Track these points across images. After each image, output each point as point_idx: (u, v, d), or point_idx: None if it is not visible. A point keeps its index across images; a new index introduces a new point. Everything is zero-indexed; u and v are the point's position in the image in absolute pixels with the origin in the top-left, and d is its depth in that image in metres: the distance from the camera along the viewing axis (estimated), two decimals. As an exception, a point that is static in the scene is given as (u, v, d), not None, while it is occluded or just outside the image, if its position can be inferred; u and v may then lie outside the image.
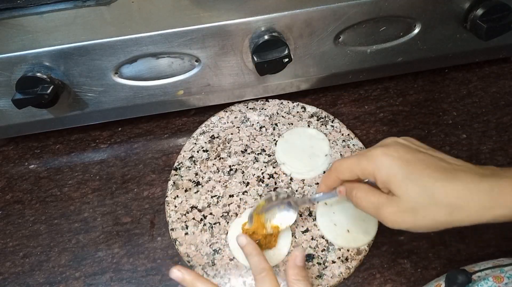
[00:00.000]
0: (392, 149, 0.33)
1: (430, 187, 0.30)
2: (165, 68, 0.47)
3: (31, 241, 0.48)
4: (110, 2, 0.47)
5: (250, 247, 0.40)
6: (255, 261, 0.38)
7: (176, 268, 0.37)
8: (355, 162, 0.34)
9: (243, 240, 0.40)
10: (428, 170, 0.31)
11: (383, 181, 0.32)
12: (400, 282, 0.43)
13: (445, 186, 0.30)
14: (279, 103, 0.56)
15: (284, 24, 0.45)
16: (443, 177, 0.30)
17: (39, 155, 0.55)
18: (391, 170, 0.31)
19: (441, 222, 0.30)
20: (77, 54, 0.43)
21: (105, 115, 0.53)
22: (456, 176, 0.30)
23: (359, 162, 0.34)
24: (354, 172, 0.35)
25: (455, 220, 0.30)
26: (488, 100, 0.57)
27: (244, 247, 0.40)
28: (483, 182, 0.30)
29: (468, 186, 0.30)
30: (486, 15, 0.46)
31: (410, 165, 0.31)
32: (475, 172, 0.31)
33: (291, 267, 0.38)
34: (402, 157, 0.31)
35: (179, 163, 0.51)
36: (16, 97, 0.43)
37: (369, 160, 0.33)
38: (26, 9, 0.46)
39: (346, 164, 0.36)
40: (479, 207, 0.29)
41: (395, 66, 0.55)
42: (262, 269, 0.37)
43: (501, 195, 0.29)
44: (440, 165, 0.31)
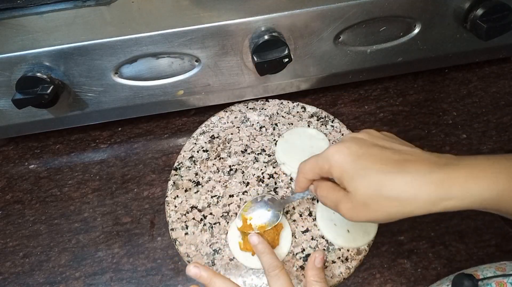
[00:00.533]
0: (345, 145, 0.33)
1: (379, 181, 0.30)
2: (165, 68, 0.47)
3: (31, 241, 0.48)
4: (110, 2, 0.47)
5: (262, 245, 0.40)
6: (267, 259, 0.39)
7: (193, 264, 0.38)
8: (314, 162, 0.35)
9: (255, 239, 0.41)
10: (378, 164, 0.31)
11: (338, 177, 0.33)
12: (400, 282, 0.43)
13: (394, 179, 0.30)
14: (279, 103, 0.56)
15: (284, 24, 0.45)
16: (392, 170, 0.30)
17: (39, 155, 0.55)
18: (343, 166, 0.32)
19: (393, 213, 0.30)
20: (77, 54, 0.43)
21: (105, 115, 0.53)
22: (405, 168, 0.30)
23: (317, 162, 0.35)
24: (315, 171, 0.35)
25: (406, 211, 0.30)
26: (488, 100, 0.57)
27: (256, 246, 0.41)
28: (433, 173, 0.29)
29: (416, 178, 0.29)
30: (486, 15, 0.46)
31: (361, 160, 0.31)
32: (429, 162, 0.30)
33: (310, 268, 0.39)
34: (354, 153, 0.32)
35: (179, 163, 0.51)
36: (16, 97, 0.43)
37: (325, 159, 0.34)
38: (26, 9, 0.46)
39: (307, 165, 0.36)
40: (428, 199, 0.29)
41: (395, 66, 0.55)
42: (275, 267, 0.38)
43: (451, 187, 0.29)
44: (391, 157, 0.31)
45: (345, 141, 0.34)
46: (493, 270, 0.35)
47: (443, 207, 0.29)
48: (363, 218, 0.32)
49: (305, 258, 0.43)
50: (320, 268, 0.39)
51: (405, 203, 0.30)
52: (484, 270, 0.36)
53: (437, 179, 0.29)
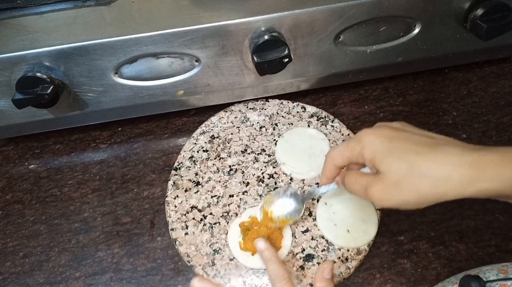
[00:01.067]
0: (378, 129, 0.34)
1: (411, 159, 0.30)
2: (165, 68, 0.47)
3: (31, 241, 0.48)
4: (110, 2, 0.47)
5: (269, 252, 0.40)
6: (274, 268, 0.39)
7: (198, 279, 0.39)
8: (345, 145, 0.36)
9: (262, 245, 0.40)
10: (410, 144, 0.31)
11: (369, 159, 0.33)
12: (400, 282, 0.43)
13: (427, 158, 0.30)
14: (279, 103, 0.56)
15: (284, 24, 0.45)
16: (425, 150, 0.30)
17: (39, 155, 0.55)
18: (375, 146, 0.32)
19: (425, 194, 0.29)
20: (77, 54, 0.43)
21: (105, 115, 0.53)
22: (438, 149, 0.30)
23: (348, 144, 0.35)
24: (345, 155, 0.35)
25: (438, 192, 0.29)
26: (488, 100, 0.57)
27: (263, 252, 0.40)
28: (466, 154, 0.29)
29: (450, 158, 0.29)
30: (486, 15, 0.46)
31: (393, 141, 0.31)
32: (460, 146, 0.30)
33: (319, 279, 0.39)
34: (386, 135, 0.32)
35: (179, 163, 0.51)
36: (16, 97, 0.43)
37: (356, 140, 0.34)
38: (26, 9, 0.46)
39: (337, 149, 0.37)
40: (462, 179, 0.28)
41: (395, 66, 0.55)
42: (282, 277, 0.38)
43: (485, 168, 0.28)
44: (424, 140, 0.31)
45: (377, 127, 0.34)
46: (496, 272, 0.35)
47: (477, 189, 0.28)
48: (394, 199, 0.31)
49: (305, 258, 0.43)
50: (329, 279, 0.38)
51: (438, 182, 0.29)
52: (486, 272, 0.36)
53: (471, 160, 0.29)
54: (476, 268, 0.38)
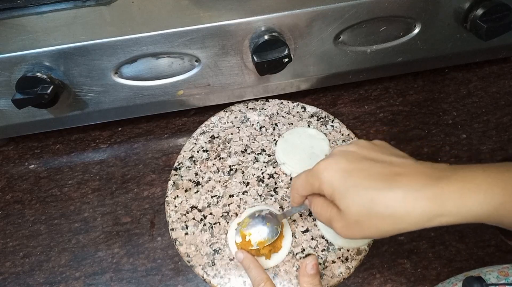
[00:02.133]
0: (334, 161, 0.32)
1: (369, 198, 0.29)
2: (165, 68, 0.47)
3: (31, 241, 0.48)
4: (110, 2, 0.47)
5: (247, 260, 0.41)
6: (253, 274, 0.40)
7: None
8: (305, 179, 0.35)
9: (240, 255, 0.42)
10: (367, 180, 0.30)
11: (329, 195, 0.32)
12: (400, 282, 0.43)
13: (385, 195, 0.29)
14: (279, 103, 0.56)
15: (284, 24, 0.45)
16: (382, 186, 0.29)
17: (39, 155, 0.55)
18: (333, 184, 0.31)
19: (386, 231, 0.29)
20: (77, 54, 0.43)
21: (105, 115, 0.53)
22: (397, 183, 0.29)
23: (307, 179, 0.34)
24: (306, 188, 0.35)
25: (398, 228, 0.29)
26: (488, 100, 0.57)
27: (242, 262, 0.41)
28: (426, 188, 0.28)
29: (409, 194, 0.28)
30: (486, 15, 0.46)
31: (350, 176, 0.30)
32: (422, 174, 0.29)
33: (302, 275, 0.39)
34: (343, 169, 0.31)
35: (179, 163, 0.51)
36: (16, 97, 0.43)
37: (314, 176, 0.33)
38: (26, 9, 0.46)
39: (299, 182, 0.36)
40: (422, 215, 0.28)
41: (395, 66, 0.55)
42: (261, 280, 0.38)
43: (445, 202, 0.28)
44: (382, 172, 0.30)
45: (334, 156, 0.33)
46: (496, 274, 0.35)
47: (437, 223, 0.28)
48: (356, 235, 0.31)
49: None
50: (313, 274, 0.38)
51: (398, 220, 0.29)
52: (486, 274, 0.35)
53: (430, 194, 0.28)
54: (476, 269, 0.38)
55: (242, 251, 0.42)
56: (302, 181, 0.35)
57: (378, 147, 0.34)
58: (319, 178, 0.32)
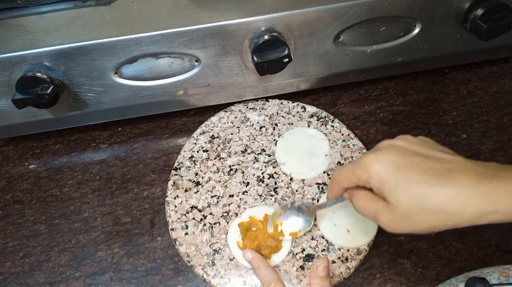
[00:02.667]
0: (384, 155, 0.32)
1: (422, 193, 0.29)
2: (165, 68, 0.47)
3: (31, 241, 0.48)
4: (110, 2, 0.47)
5: (256, 260, 0.41)
6: (263, 273, 0.39)
7: None
8: (351, 171, 0.34)
9: (249, 255, 0.41)
10: (420, 175, 0.30)
11: (377, 188, 0.32)
12: (400, 282, 0.43)
13: (438, 191, 0.29)
14: (279, 103, 0.56)
15: (284, 24, 0.45)
16: (435, 182, 0.29)
17: (39, 155, 0.55)
18: (383, 177, 0.31)
19: (436, 226, 0.30)
20: (77, 54, 0.43)
21: (105, 115, 0.53)
22: (450, 179, 0.29)
23: (354, 170, 0.34)
24: (352, 180, 0.34)
25: (449, 224, 0.29)
26: (488, 100, 0.57)
27: (252, 261, 0.41)
28: (480, 185, 0.28)
29: (463, 190, 0.28)
30: (486, 15, 0.46)
31: (402, 171, 0.30)
32: (474, 172, 0.29)
33: (313, 276, 0.38)
34: (394, 163, 0.31)
35: (179, 163, 0.51)
36: (16, 97, 0.43)
37: (362, 168, 0.32)
38: (26, 9, 0.46)
39: (343, 174, 0.35)
40: (475, 212, 0.28)
41: (395, 66, 0.55)
42: (271, 280, 0.38)
43: (498, 200, 0.28)
44: (434, 167, 0.30)
45: (383, 150, 0.32)
46: (497, 275, 0.35)
47: (489, 220, 0.29)
48: (405, 229, 0.31)
49: (305, 258, 0.43)
50: (324, 276, 0.38)
51: (450, 216, 0.29)
52: (487, 275, 0.35)
53: (483, 191, 0.28)
54: (477, 270, 0.38)
55: (251, 251, 0.42)
56: (347, 173, 0.34)
57: (426, 143, 0.34)
58: (368, 171, 0.32)
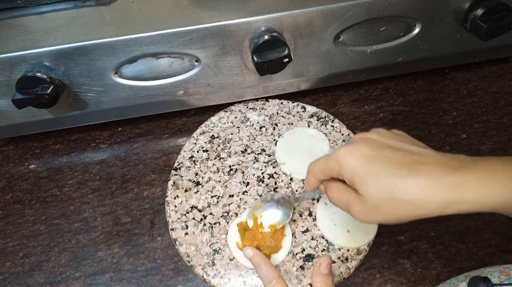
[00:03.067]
0: (356, 147, 0.33)
1: (391, 184, 0.30)
2: (165, 68, 0.47)
3: (31, 241, 0.48)
4: (110, 2, 0.47)
5: (257, 257, 0.41)
6: (264, 271, 0.39)
7: None
8: (324, 163, 0.35)
9: (250, 252, 0.41)
10: (390, 167, 0.30)
11: (349, 179, 0.32)
12: (400, 282, 0.43)
13: (406, 182, 0.30)
14: (279, 103, 0.56)
15: (284, 24, 0.45)
16: (404, 173, 0.30)
17: (39, 155, 0.55)
18: (354, 169, 0.32)
19: (406, 216, 0.30)
20: (77, 54, 0.43)
21: (105, 115, 0.53)
22: (418, 171, 0.30)
23: (327, 163, 0.34)
24: (326, 172, 0.35)
25: (417, 214, 0.30)
26: (488, 100, 0.57)
27: (252, 258, 0.41)
28: (446, 176, 0.29)
29: (430, 181, 0.29)
30: (486, 15, 0.46)
31: (372, 163, 0.31)
32: (441, 164, 0.30)
33: (316, 274, 0.39)
34: (365, 155, 0.31)
35: (179, 163, 0.51)
36: (16, 97, 0.43)
37: (335, 160, 0.33)
38: (26, 9, 0.46)
39: (317, 166, 0.36)
40: (441, 203, 0.29)
41: (395, 66, 0.55)
42: (272, 277, 0.38)
43: (464, 191, 0.29)
44: (403, 159, 0.31)
45: (355, 143, 0.33)
46: (497, 274, 0.35)
47: (455, 210, 0.29)
48: (374, 220, 0.32)
49: (305, 258, 0.43)
50: (327, 274, 0.38)
51: (418, 206, 0.30)
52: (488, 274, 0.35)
53: (450, 182, 0.29)
54: (477, 269, 0.38)
55: (252, 248, 0.41)
56: (321, 165, 0.35)
57: (398, 136, 0.34)
58: (340, 163, 0.33)
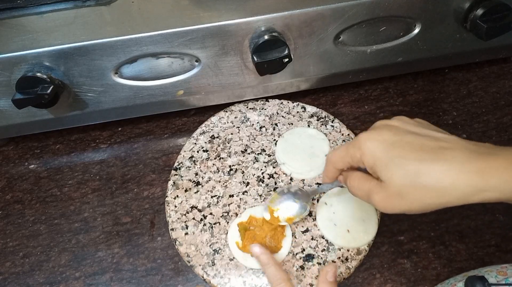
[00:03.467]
0: (377, 133, 0.32)
1: (414, 169, 0.29)
2: (165, 68, 0.47)
3: (31, 241, 0.48)
4: (110, 2, 0.47)
5: (265, 256, 0.40)
6: (272, 271, 0.39)
7: None
8: (344, 151, 0.34)
9: (257, 250, 0.40)
10: (413, 152, 0.29)
11: (370, 166, 0.32)
12: (400, 282, 0.43)
13: (430, 167, 0.28)
14: (279, 103, 0.56)
15: (284, 24, 0.45)
16: (428, 158, 0.29)
17: (39, 155, 0.55)
18: (375, 154, 0.31)
19: (430, 204, 0.29)
20: (77, 54, 0.43)
21: (105, 115, 0.53)
22: (443, 156, 0.29)
23: (347, 150, 0.34)
24: (346, 160, 0.34)
25: (442, 202, 0.29)
26: (488, 100, 0.57)
27: (259, 257, 0.40)
28: (472, 162, 0.28)
29: (455, 166, 0.28)
30: (486, 15, 0.46)
31: (395, 148, 0.30)
32: (467, 149, 0.29)
33: (322, 281, 0.38)
34: (387, 140, 0.31)
35: (179, 163, 0.51)
36: (16, 97, 0.43)
37: (355, 146, 0.32)
38: (26, 9, 0.46)
39: (337, 154, 0.35)
40: (467, 189, 0.28)
41: (395, 66, 0.55)
42: (280, 279, 0.38)
43: (490, 177, 0.27)
44: (427, 144, 0.30)
45: (376, 128, 0.32)
46: (495, 274, 0.35)
47: (481, 198, 0.28)
48: (397, 208, 0.30)
49: (305, 258, 0.43)
50: (332, 281, 0.38)
51: (443, 192, 0.28)
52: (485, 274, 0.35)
53: (476, 168, 0.28)
54: (475, 269, 0.38)
55: (259, 246, 0.41)
56: (341, 153, 0.34)
57: (421, 123, 0.34)
58: (361, 148, 0.32)
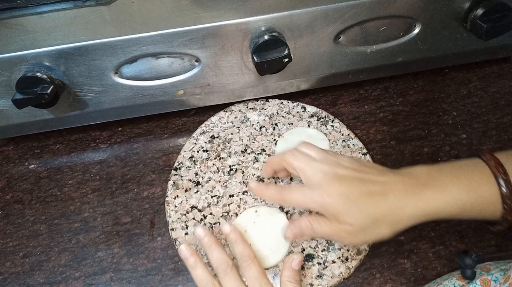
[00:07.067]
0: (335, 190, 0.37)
1: (371, 212, 0.36)
2: (165, 68, 0.47)
3: (31, 241, 0.48)
4: (110, 2, 0.47)
5: (234, 234, 0.42)
6: (240, 248, 0.41)
7: None
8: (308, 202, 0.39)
9: (227, 228, 0.42)
10: (365, 198, 0.37)
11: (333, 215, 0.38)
12: (400, 282, 0.43)
13: (380, 207, 0.36)
14: (279, 103, 0.56)
15: (284, 24, 0.45)
16: (377, 201, 0.37)
17: (39, 155, 0.55)
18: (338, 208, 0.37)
19: (386, 233, 0.37)
20: (77, 54, 0.43)
21: (105, 115, 0.53)
22: (388, 196, 0.37)
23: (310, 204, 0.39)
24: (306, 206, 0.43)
25: (395, 231, 0.37)
26: (488, 100, 0.57)
27: (229, 235, 0.42)
28: (409, 196, 0.36)
29: (397, 203, 0.36)
30: (486, 15, 0.46)
31: (349, 199, 0.37)
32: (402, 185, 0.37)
33: (286, 268, 0.41)
34: (344, 194, 0.37)
35: (179, 163, 0.51)
36: (16, 97, 0.43)
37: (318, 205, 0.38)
38: (26, 9, 0.46)
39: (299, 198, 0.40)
40: (410, 217, 0.36)
41: (395, 66, 0.55)
42: (248, 256, 0.40)
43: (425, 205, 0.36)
44: (374, 190, 0.37)
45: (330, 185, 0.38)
46: (479, 271, 0.36)
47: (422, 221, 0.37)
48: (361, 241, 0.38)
49: (305, 258, 0.43)
50: (297, 270, 0.40)
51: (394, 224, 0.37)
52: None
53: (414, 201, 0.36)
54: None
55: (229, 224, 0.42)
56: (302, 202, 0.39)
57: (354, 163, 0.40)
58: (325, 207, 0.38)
